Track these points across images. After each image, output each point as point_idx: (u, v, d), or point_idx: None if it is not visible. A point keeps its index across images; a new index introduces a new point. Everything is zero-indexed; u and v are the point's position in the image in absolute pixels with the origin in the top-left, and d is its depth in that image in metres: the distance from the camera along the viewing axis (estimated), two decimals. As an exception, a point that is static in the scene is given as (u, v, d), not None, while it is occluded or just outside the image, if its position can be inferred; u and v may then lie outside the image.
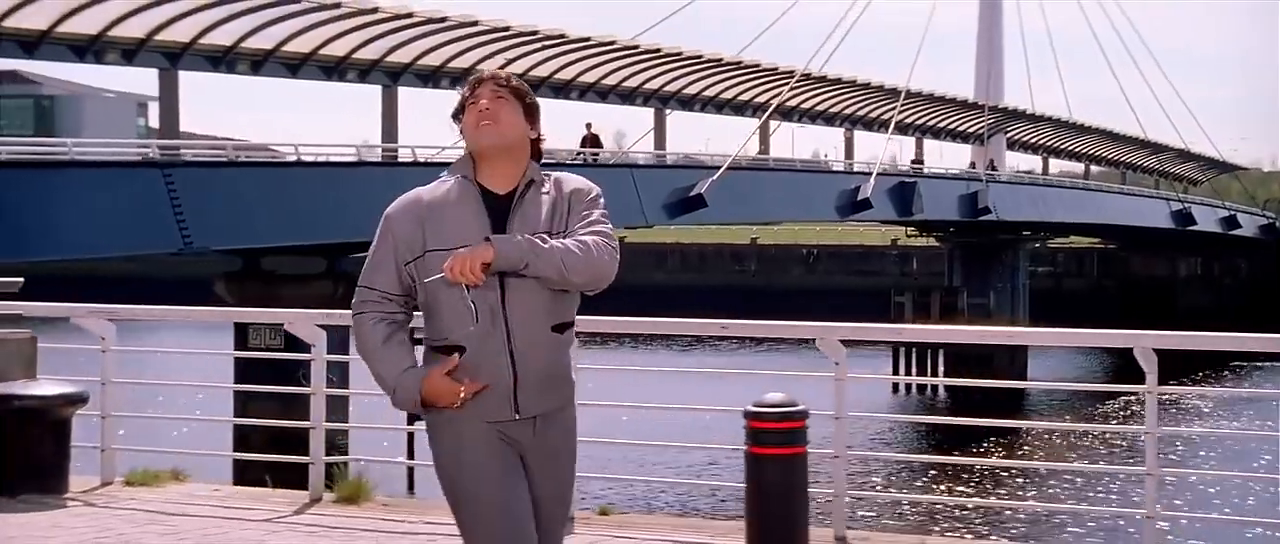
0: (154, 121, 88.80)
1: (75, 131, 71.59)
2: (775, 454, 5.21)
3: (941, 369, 47.60)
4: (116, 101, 70.11)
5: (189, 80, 29.34)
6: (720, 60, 40.10)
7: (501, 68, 29.32)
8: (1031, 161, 73.67)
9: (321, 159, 28.79)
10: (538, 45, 34.65)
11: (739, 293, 66.28)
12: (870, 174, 42.79)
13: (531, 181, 3.97)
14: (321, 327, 9.14)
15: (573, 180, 4.05)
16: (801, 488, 5.33)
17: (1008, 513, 22.36)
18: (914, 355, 48.74)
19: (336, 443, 11.91)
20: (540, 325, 3.94)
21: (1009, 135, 59.35)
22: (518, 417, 3.97)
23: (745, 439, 5.41)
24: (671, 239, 70.58)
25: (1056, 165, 72.33)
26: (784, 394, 5.37)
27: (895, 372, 47.92)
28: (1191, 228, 62.14)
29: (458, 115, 4.03)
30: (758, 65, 41.23)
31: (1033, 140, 64.19)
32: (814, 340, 7.53)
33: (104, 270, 57.06)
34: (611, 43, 36.21)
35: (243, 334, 25.28)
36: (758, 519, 5.30)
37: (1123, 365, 47.51)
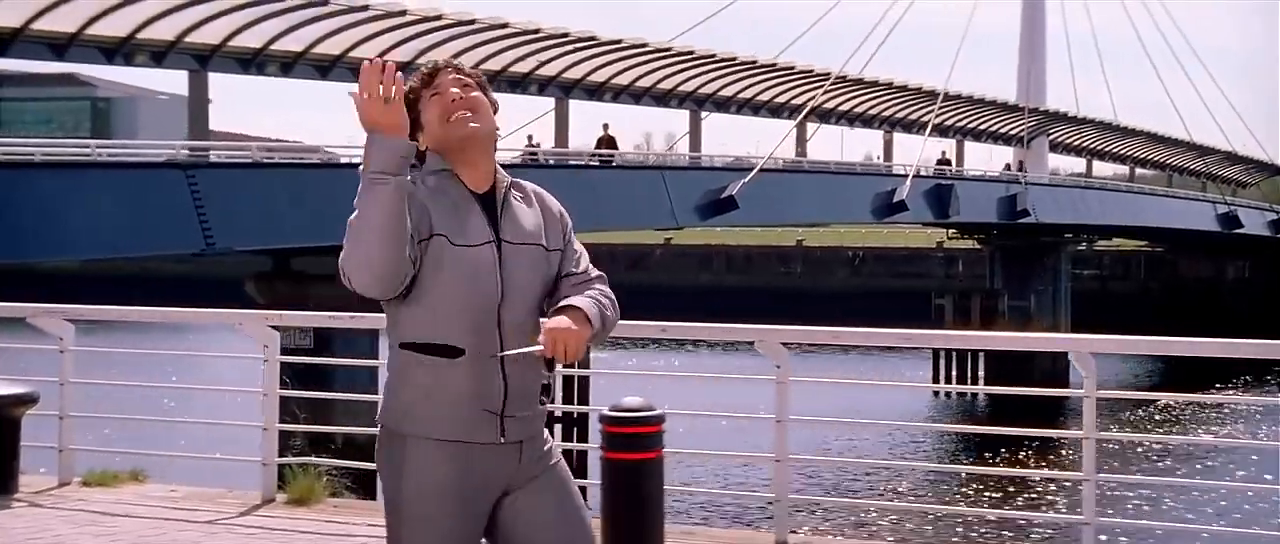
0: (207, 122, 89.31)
1: (129, 132, 72.52)
2: (631, 459, 5.09)
3: (982, 374, 47.25)
4: (169, 103, 70.95)
5: (222, 81, 29.51)
6: (754, 62, 39.92)
7: (533, 70, 28.76)
8: (1076, 164, 72.99)
9: (346, 161, 28.77)
10: (569, 47, 34.55)
11: (783, 295, 65.94)
12: (906, 176, 42.42)
13: (511, 183, 3.65)
14: (274, 328, 9.07)
15: (547, 197, 3.72)
16: (658, 493, 5.21)
17: (961, 519, 21.95)
18: (955, 357, 48.41)
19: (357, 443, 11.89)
20: (530, 338, 3.56)
21: (1052, 137, 58.73)
22: (503, 440, 3.55)
23: (601, 444, 5.30)
24: (717, 241, 70.42)
25: (1102, 168, 71.60)
26: (640, 398, 5.25)
27: (935, 374, 47.54)
28: (1238, 230, 61.28)
29: (415, 121, 3.58)
30: (792, 67, 41.02)
31: (1076, 142, 63.53)
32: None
33: (147, 270, 57.95)
34: (643, 45, 36.08)
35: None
36: (613, 524, 5.16)
37: (1169, 370, 46.95)
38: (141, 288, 57.03)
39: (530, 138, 36.80)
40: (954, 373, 47.99)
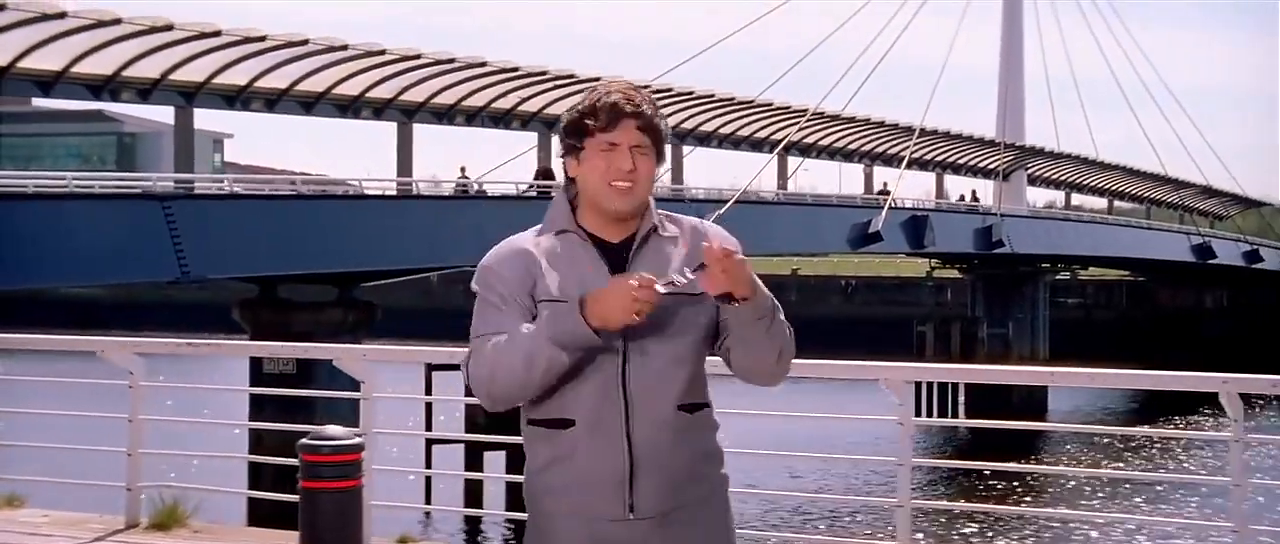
0: (230, 156, 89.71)
1: (154, 166, 72.69)
2: (330, 487, 4.94)
3: (962, 402, 46.86)
4: (194, 137, 71.24)
5: (246, 119, 29.61)
6: (732, 99, 39.80)
7: (515, 106, 28.03)
8: (1055, 197, 72.71)
9: (320, 193, 28.74)
10: (549, 85, 34.45)
11: (778, 322, 65.65)
12: (882, 208, 42.20)
13: (653, 227, 3.15)
14: (140, 355, 8.92)
15: (711, 231, 3.18)
16: (356, 522, 5.03)
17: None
18: (934, 387, 47.94)
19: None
20: (667, 402, 3.11)
21: (1030, 172, 58.46)
22: (632, 516, 3.10)
23: (300, 474, 5.13)
24: (718, 270, 70.28)
25: (1082, 203, 71.32)
26: (341, 427, 5.08)
27: (918, 395, 47.11)
28: (1213, 261, 60.86)
29: (574, 146, 3.14)
30: (770, 104, 40.87)
31: (1054, 176, 63.28)
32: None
33: (133, 297, 58.23)
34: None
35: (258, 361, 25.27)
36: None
37: (1148, 401, 46.33)
38: (125, 314, 57.34)
39: (463, 169, 36.08)
40: (933, 402, 47.50)
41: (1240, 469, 6.11)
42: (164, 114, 56.52)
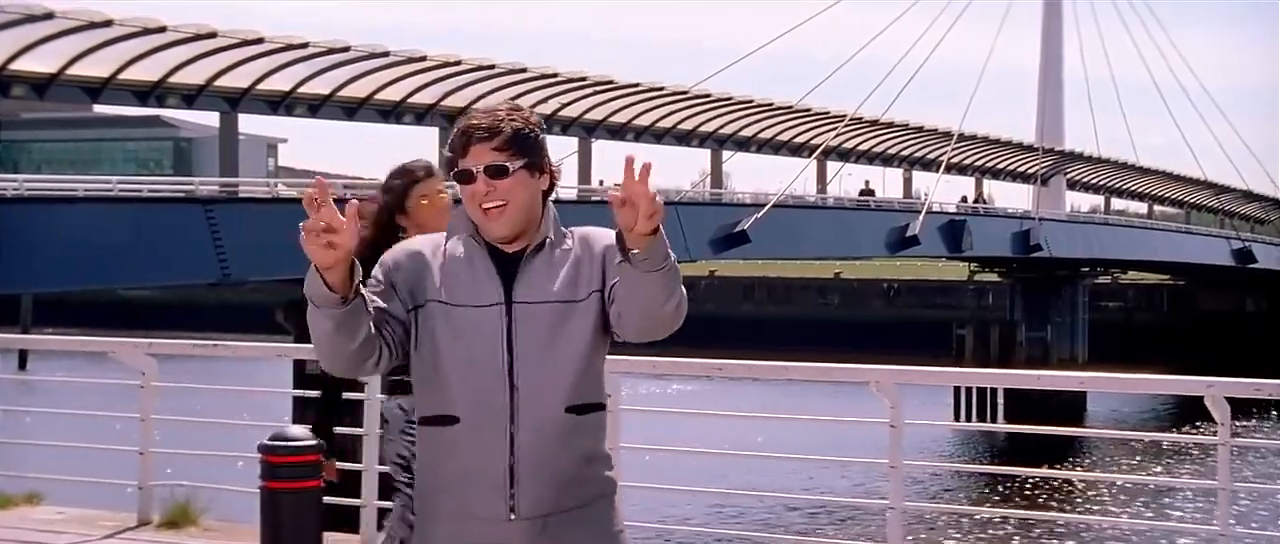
0: (284, 161, 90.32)
1: (209, 170, 73.35)
2: (290, 488, 4.88)
3: (1001, 405, 46.43)
4: (248, 142, 71.74)
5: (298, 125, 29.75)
6: (771, 104, 39.69)
7: (556, 111, 27.31)
8: (1096, 201, 72.15)
9: (365, 195, 28.77)
10: (588, 89, 34.45)
11: (820, 325, 65.37)
12: (919, 211, 41.94)
13: (546, 240, 3.09)
14: (152, 355, 8.90)
15: (595, 238, 3.12)
16: (317, 522, 4.98)
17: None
18: (975, 391, 47.54)
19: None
20: (555, 402, 3.03)
21: (1069, 176, 57.97)
22: (513, 517, 3.03)
23: (260, 474, 5.08)
24: (760, 272, 70.11)
25: (1121, 207, 70.69)
26: (303, 428, 5.01)
27: (956, 402, 46.67)
28: (1253, 265, 60.16)
29: (451, 170, 3.11)
30: (809, 109, 40.69)
31: (1094, 181, 62.71)
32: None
33: (185, 299, 58.75)
34: (660, 89, 35.95)
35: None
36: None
37: (1188, 406, 45.74)
38: (176, 315, 57.80)
39: None
40: (973, 407, 47.06)
41: (1227, 473, 5.97)
42: (217, 119, 57.04)
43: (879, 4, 48.91)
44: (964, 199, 51.61)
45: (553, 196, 3.15)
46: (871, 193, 44.65)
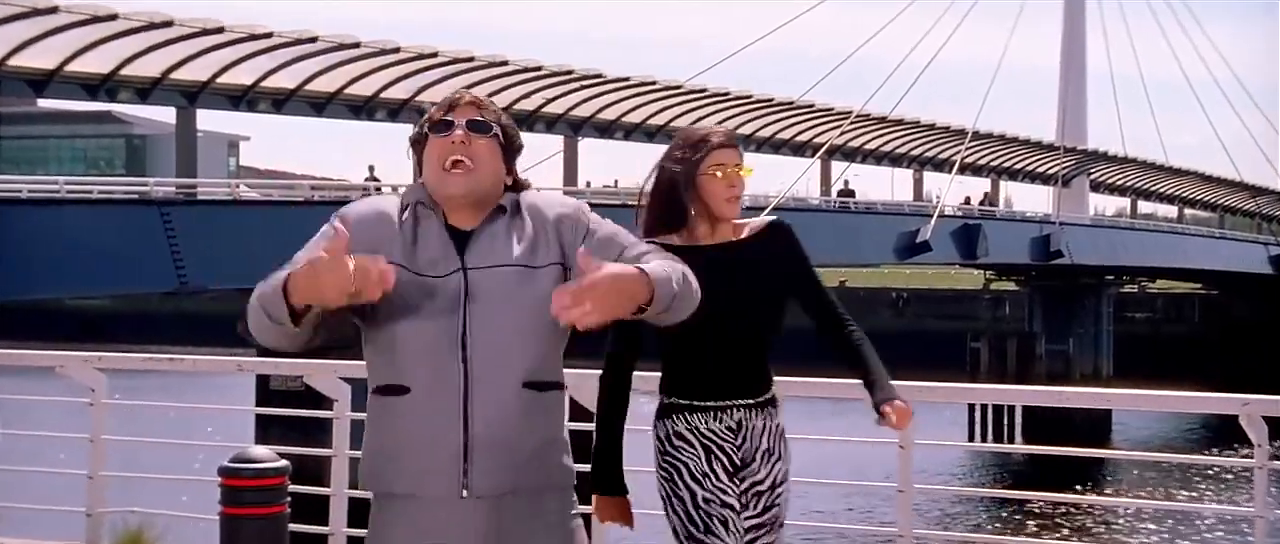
0: (245, 160, 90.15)
1: (165, 170, 73.36)
2: (254, 514, 4.91)
3: (1019, 424, 46.42)
4: (207, 140, 71.74)
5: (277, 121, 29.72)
6: (770, 100, 39.72)
7: (540, 107, 27.98)
8: (1122, 205, 72.24)
9: (334, 198, 28.79)
10: (575, 85, 34.48)
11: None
12: (931, 215, 41.95)
13: (500, 208, 3.22)
14: (102, 370, 8.88)
15: (554, 201, 3.28)
16: None
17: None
18: (991, 408, 47.53)
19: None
20: (512, 376, 3.11)
21: (1093, 177, 58.07)
22: (466, 495, 3.09)
23: (220, 499, 5.10)
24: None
25: (1149, 210, 70.79)
26: (267, 449, 5.04)
27: (970, 421, 46.68)
28: (1292, 274, 60.30)
29: (419, 141, 3.25)
30: (811, 105, 40.73)
31: (1119, 183, 62.81)
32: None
33: (137, 308, 58.55)
34: (651, 83, 35.97)
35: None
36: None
37: (1225, 426, 45.64)
38: (132, 326, 57.62)
39: (371, 168, 35.26)
40: (990, 424, 47.09)
41: (1264, 499, 5.98)
42: (173, 115, 57.04)
43: (879, 2, 49.05)
44: (966, 200, 51.60)
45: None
46: (851, 193, 44.68)
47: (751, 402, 4.16)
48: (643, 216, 4.02)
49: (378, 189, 33.17)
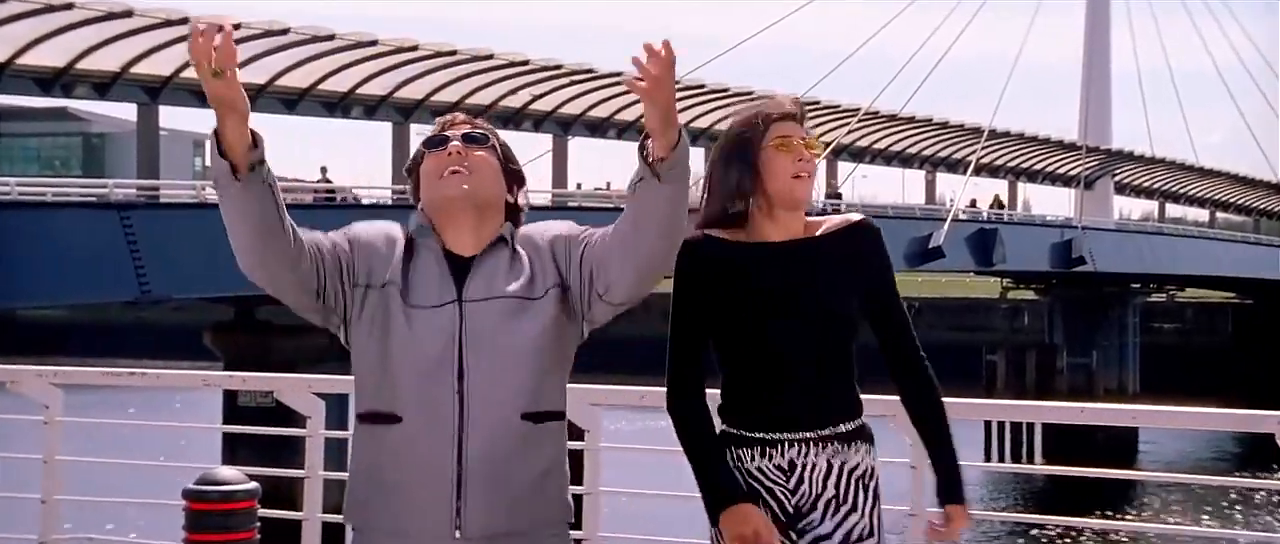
0: (211, 161, 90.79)
1: (125, 171, 73.38)
2: (220, 540, 4.88)
3: (1038, 444, 46.38)
4: (170, 139, 71.82)
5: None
6: (773, 97, 39.70)
7: (527, 104, 28.77)
8: (1149, 208, 72.38)
9: (309, 203, 28.80)
10: (565, 80, 34.50)
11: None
12: (944, 219, 41.97)
13: (501, 239, 3.28)
14: (58, 385, 8.85)
15: (546, 226, 3.35)
16: None
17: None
18: (1009, 426, 47.53)
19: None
20: (510, 407, 3.15)
21: (1118, 178, 58.17)
22: (459, 535, 3.12)
23: (184, 524, 5.09)
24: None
25: (1180, 214, 70.92)
26: (235, 470, 5.03)
27: (987, 439, 46.64)
28: (1329, 282, 60.33)
29: (414, 166, 3.36)
30: (816, 102, 40.77)
31: (1146, 184, 62.93)
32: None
33: (97, 319, 58.50)
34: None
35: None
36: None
37: (1260, 445, 45.74)
38: (83, 337, 57.52)
39: (324, 170, 35.25)
40: (1007, 443, 47.07)
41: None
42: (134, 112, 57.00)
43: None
44: (972, 203, 51.60)
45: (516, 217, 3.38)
46: (838, 196, 44.71)
47: (809, 435, 3.58)
48: (697, 213, 3.66)
49: (330, 193, 33.08)
